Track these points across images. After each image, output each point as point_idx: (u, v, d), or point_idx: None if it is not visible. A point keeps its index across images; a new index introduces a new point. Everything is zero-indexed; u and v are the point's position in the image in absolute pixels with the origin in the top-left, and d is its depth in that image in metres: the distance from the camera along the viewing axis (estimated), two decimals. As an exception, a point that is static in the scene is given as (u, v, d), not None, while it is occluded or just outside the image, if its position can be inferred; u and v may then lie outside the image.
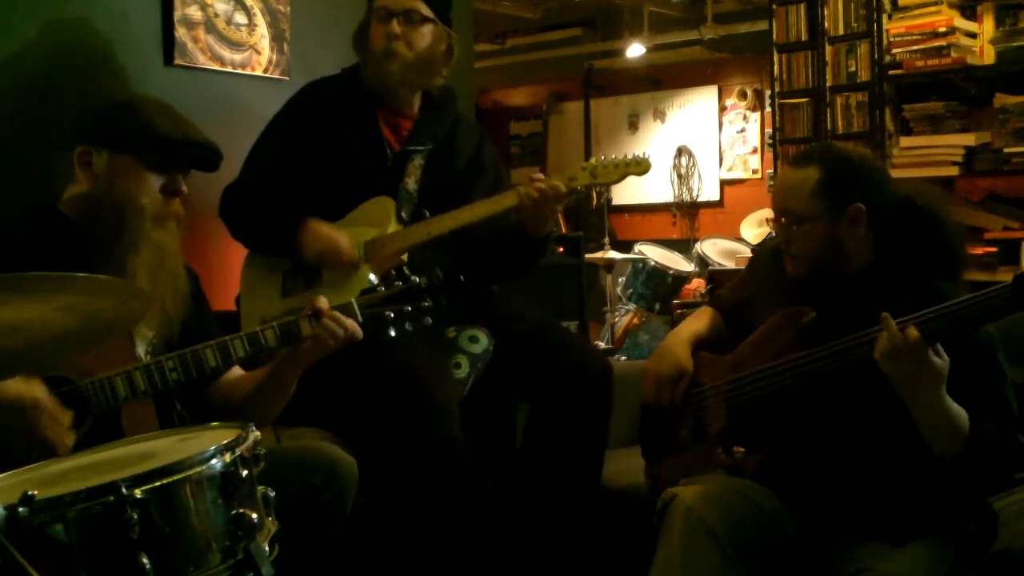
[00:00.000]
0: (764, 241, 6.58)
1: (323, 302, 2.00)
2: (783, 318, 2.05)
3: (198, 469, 1.37)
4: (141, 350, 2.00)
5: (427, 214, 2.60)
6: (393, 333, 2.05)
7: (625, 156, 2.58)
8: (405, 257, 2.53)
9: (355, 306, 2.03)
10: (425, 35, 2.66)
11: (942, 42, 4.61)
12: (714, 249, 6.56)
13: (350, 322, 2.00)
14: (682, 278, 6.22)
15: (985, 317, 1.80)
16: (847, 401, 1.95)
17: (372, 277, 2.10)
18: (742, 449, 2.07)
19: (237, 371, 2.13)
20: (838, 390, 1.95)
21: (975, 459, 1.83)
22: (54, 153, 2.03)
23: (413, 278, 2.05)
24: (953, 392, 1.82)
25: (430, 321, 2.07)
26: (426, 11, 2.66)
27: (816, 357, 1.95)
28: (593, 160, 2.59)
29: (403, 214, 2.64)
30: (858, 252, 2.02)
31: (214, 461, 1.40)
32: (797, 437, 2.01)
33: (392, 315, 2.04)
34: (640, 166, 2.57)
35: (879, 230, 2.02)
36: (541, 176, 2.54)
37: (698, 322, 2.29)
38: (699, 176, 8.72)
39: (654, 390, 2.21)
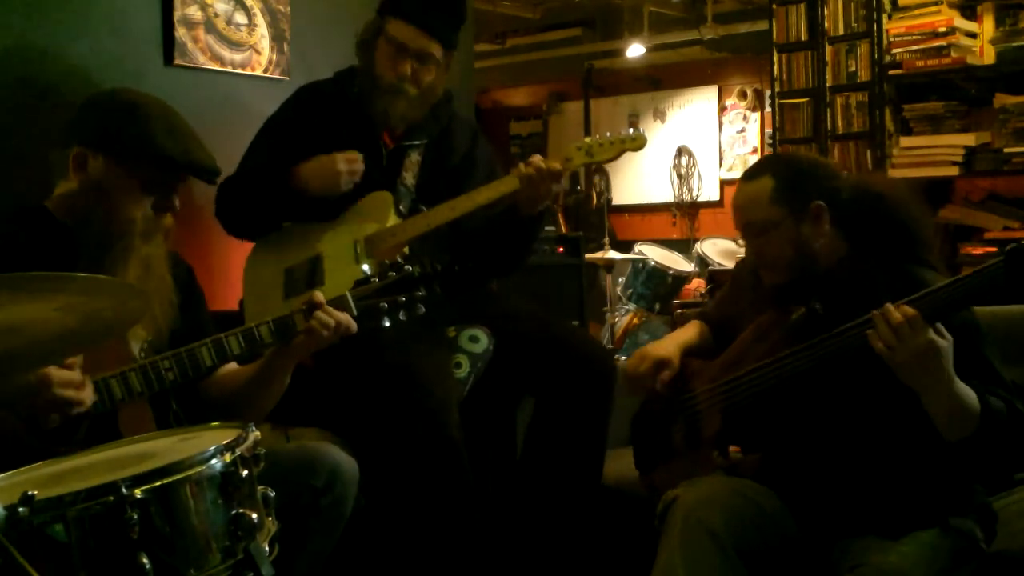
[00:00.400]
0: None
1: (319, 296, 2.00)
2: (772, 316, 2.06)
3: (198, 469, 1.37)
4: (135, 349, 2.00)
5: (423, 209, 2.61)
6: (387, 323, 2.04)
7: (620, 133, 2.60)
8: (406, 250, 2.53)
9: (349, 298, 2.03)
10: (432, 71, 2.66)
11: (942, 42, 4.61)
12: (714, 249, 6.56)
13: (343, 315, 2.00)
14: (682, 278, 6.21)
15: (979, 292, 1.80)
16: (841, 394, 1.96)
17: (366, 268, 2.10)
18: (737, 449, 2.07)
19: (231, 365, 2.13)
20: (832, 384, 1.96)
21: (989, 439, 1.84)
22: (53, 152, 2.02)
23: (407, 268, 2.05)
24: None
25: (423, 309, 2.07)
26: (439, 55, 2.64)
27: (807, 350, 1.96)
28: (588, 139, 2.59)
29: (401, 208, 2.64)
30: (827, 249, 2.04)
31: (214, 461, 1.40)
32: (793, 433, 2.02)
33: (386, 306, 2.04)
34: (635, 142, 2.58)
35: (843, 224, 2.05)
36: (539, 156, 2.55)
37: (687, 332, 2.31)
38: (699, 176, 8.72)
39: (635, 364, 2.22)
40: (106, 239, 1.94)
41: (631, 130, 2.61)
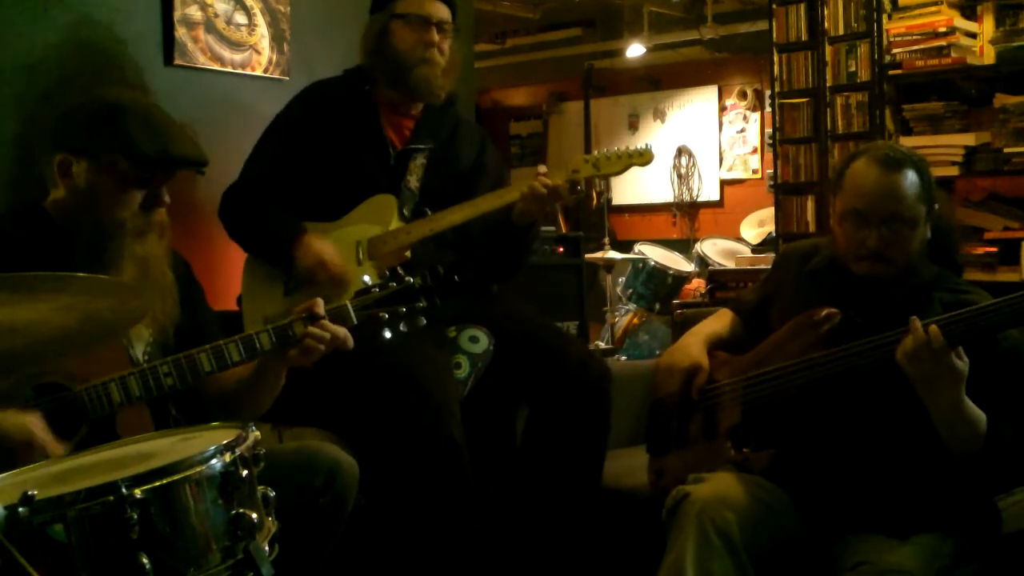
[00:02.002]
0: (765, 241, 6.60)
1: (320, 306, 1.99)
2: (807, 319, 2.06)
3: (198, 469, 1.37)
4: (139, 350, 2.00)
5: (428, 212, 2.61)
6: (388, 335, 2.04)
7: (627, 148, 2.62)
8: (408, 254, 2.54)
9: (349, 308, 2.02)
10: (448, 38, 2.71)
11: (942, 42, 4.60)
12: (714, 249, 6.56)
13: (341, 330, 1.98)
14: (682, 278, 6.22)
15: (1014, 320, 1.82)
16: (863, 400, 1.97)
17: (366, 278, 2.10)
18: (747, 450, 2.07)
19: None
20: (855, 389, 1.97)
21: (991, 458, 1.87)
22: (42, 161, 2.02)
23: (407, 279, 2.05)
24: (977, 394, 1.85)
25: (424, 322, 2.07)
26: (451, 22, 2.71)
27: (838, 356, 1.97)
28: (596, 152, 2.61)
29: (405, 211, 2.64)
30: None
31: (214, 461, 1.39)
32: (810, 433, 2.02)
33: (387, 316, 2.03)
34: (643, 157, 2.60)
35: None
36: (546, 170, 2.55)
37: (716, 323, 2.31)
38: (699, 176, 8.72)
39: (667, 383, 2.21)
40: (98, 241, 1.94)
41: (639, 145, 2.62)
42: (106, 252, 1.93)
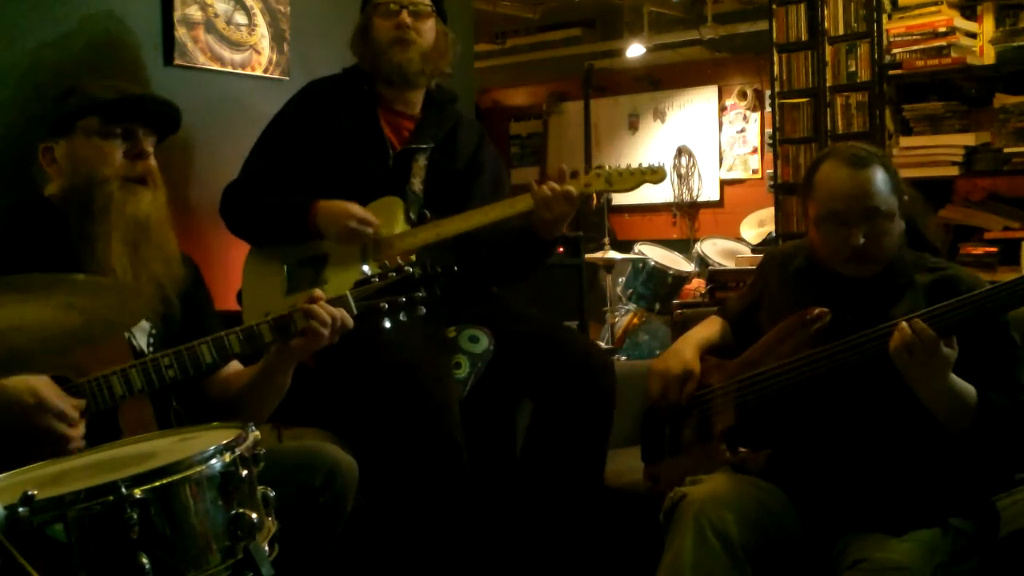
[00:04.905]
0: (765, 241, 6.60)
1: (319, 294, 2.00)
2: (799, 319, 2.06)
3: (198, 469, 1.37)
4: (142, 340, 2.00)
5: (428, 214, 2.61)
6: (388, 324, 2.04)
7: (640, 165, 2.60)
8: (413, 258, 2.53)
9: (349, 298, 2.02)
10: (430, 29, 2.70)
11: (942, 42, 4.60)
12: (714, 249, 6.56)
13: (338, 310, 1.99)
14: (682, 278, 6.22)
15: (1009, 306, 1.86)
16: (857, 395, 1.98)
17: (366, 268, 2.10)
18: (746, 450, 2.08)
19: (235, 365, 2.13)
20: (849, 385, 1.98)
21: (985, 431, 1.90)
22: (33, 167, 2.07)
23: (407, 268, 2.05)
24: (965, 368, 1.88)
25: (424, 311, 2.07)
26: (429, 4, 2.70)
27: (830, 352, 1.98)
28: (608, 167, 2.60)
29: (411, 215, 2.64)
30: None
31: (214, 461, 1.39)
32: (805, 432, 2.03)
33: (386, 306, 2.03)
34: (656, 175, 2.58)
35: None
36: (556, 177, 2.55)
37: (707, 329, 2.32)
38: (699, 176, 8.73)
39: (660, 389, 2.22)
40: (90, 208, 1.96)
41: (652, 163, 2.61)
42: (97, 212, 1.95)
